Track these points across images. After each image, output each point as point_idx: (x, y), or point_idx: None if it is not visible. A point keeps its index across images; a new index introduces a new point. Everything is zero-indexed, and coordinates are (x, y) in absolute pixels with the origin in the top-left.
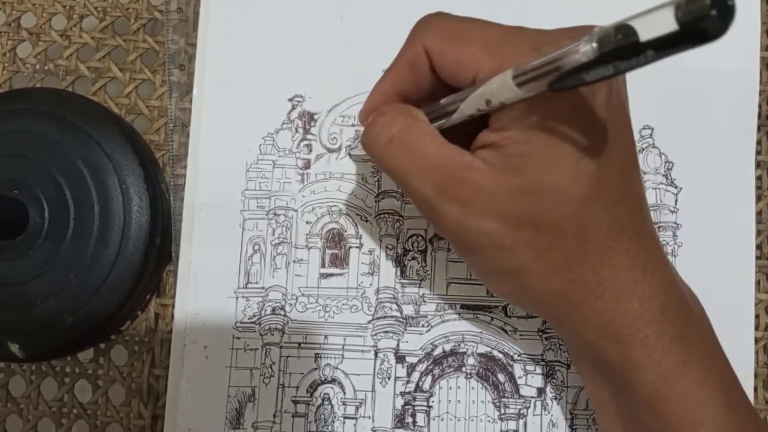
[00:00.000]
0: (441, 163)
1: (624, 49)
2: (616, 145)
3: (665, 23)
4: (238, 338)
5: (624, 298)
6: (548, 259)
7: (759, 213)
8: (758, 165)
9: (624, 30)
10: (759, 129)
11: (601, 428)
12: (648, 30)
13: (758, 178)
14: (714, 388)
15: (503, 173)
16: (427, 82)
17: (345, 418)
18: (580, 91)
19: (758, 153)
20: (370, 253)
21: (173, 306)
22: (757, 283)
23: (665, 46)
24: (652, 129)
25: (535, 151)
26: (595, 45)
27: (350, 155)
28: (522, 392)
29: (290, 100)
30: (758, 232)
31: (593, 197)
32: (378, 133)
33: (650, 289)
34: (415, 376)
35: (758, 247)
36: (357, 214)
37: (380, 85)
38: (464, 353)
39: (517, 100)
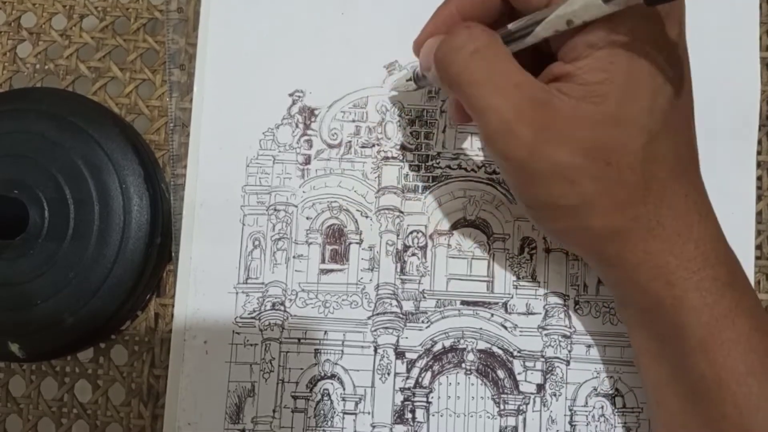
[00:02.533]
0: (523, 85)
1: None
2: (684, 84)
3: None
4: (238, 333)
5: (681, 241)
6: (613, 194)
7: (759, 213)
8: (758, 165)
9: None
10: (759, 129)
11: (646, 384)
12: None
13: (758, 179)
14: (765, 334)
15: (582, 102)
16: (494, 7)
17: (344, 413)
18: (655, 21)
19: (758, 153)
20: (370, 249)
21: (173, 306)
22: (757, 283)
23: None
24: None
25: (614, 79)
26: None
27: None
28: (521, 388)
29: (290, 95)
30: (758, 232)
31: (663, 134)
32: (463, 43)
33: (705, 233)
34: (415, 372)
35: (758, 247)
36: (357, 210)
37: (444, 8)
38: (464, 349)
39: (599, 18)
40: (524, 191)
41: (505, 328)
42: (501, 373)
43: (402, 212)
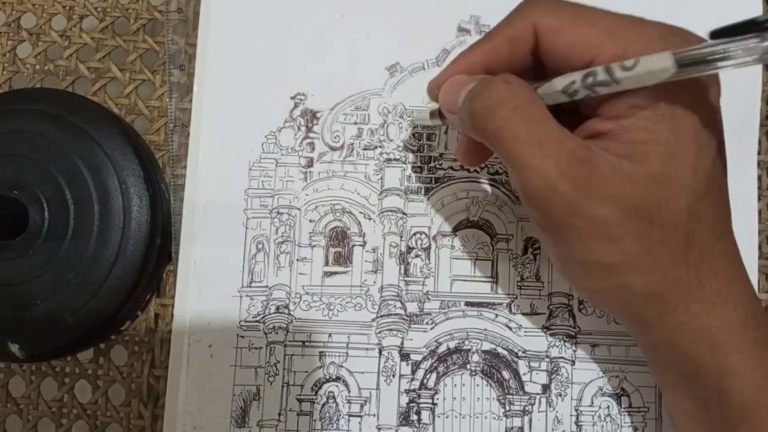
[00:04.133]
0: (564, 142)
1: None
2: (722, 144)
3: None
4: (242, 337)
5: (720, 302)
6: (656, 253)
7: (759, 213)
8: (758, 165)
9: None
10: (759, 129)
11: None
12: None
13: (758, 179)
14: None
15: (624, 161)
16: (520, 62)
17: (350, 416)
18: (698, 84)
19: (758, 153)
20: (374, 251)
21: (173, 306)
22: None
23: None
24: None
25: (659, 139)
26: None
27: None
28: (527, 389)
29: (292, 98)
30: (758, 232)
31: (706, 194)
32: (503, 98)
33: (743, 294)
34: (420, 373)
35: (758, 247)
36: (360, 212)
37: (468, 56)
38: (469, 350)
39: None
40: (562, 248)
41: (510, 328)
42: (506, 374)
43: (405, 214)
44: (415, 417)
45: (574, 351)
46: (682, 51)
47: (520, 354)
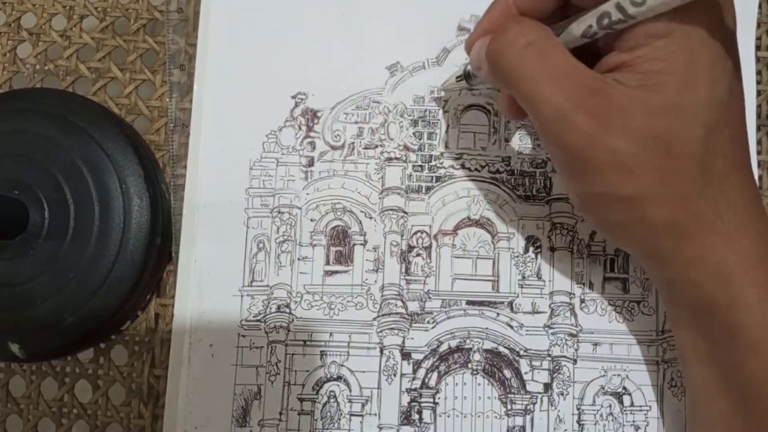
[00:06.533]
0: (577, 74)
1: None
2: (739, 74)
3: None
4: (243, 336)
5: (738, 236)
6: (672, 185)
7: None
8: (758, 165)
9: None
10: (759, 129)
11: (692, 384)
12: None
13: (759, 179)
14: None
15: (639, 91)
16: (549, 2)
17: (351, 415)
18: (716, 11)
19: (758, 153)
20: (375, 250)
21: (173, 306)
22: None
23: None
24: None
25: (673, 69)
26: None
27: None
28: (528, 388)
29: (293, 97)
30: None
31: (721, 124)
32: (514, 38)
33: (760, 228)
34: (421, 372)
35: None
36: (361, 211)
37: (501, 1)
38: (470, 349)
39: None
40: (580, 181)
41: (511, 327)
42: (507, 373)
43: (406, 213)
44: (416, 416)
45: (576, 350)
46: None
47: (521, 353)
